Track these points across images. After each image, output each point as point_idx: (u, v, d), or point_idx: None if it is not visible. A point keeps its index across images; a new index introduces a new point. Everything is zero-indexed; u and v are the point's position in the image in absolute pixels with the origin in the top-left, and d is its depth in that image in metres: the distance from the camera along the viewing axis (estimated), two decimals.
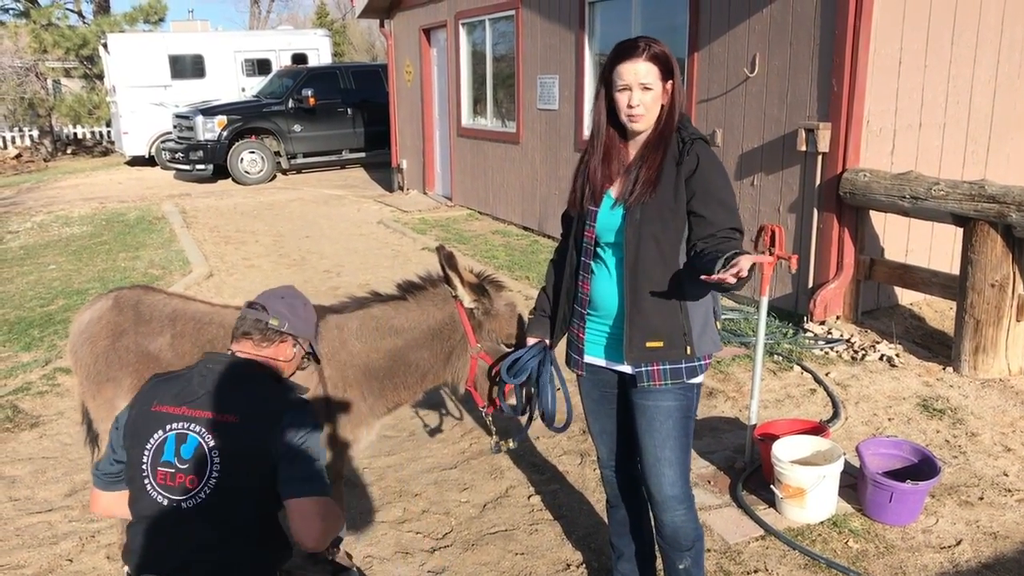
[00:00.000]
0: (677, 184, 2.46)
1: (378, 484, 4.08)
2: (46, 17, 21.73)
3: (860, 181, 5.55)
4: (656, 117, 2.53)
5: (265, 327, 2.34)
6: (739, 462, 4.11)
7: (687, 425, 2.65)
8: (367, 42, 38.61)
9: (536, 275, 7.90)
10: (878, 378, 5.05)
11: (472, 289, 2.98)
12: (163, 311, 3.28)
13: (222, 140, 15.13)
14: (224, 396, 2.22)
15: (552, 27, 9.10)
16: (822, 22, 5.76)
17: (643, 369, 2.57)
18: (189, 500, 2.15)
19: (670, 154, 2.49)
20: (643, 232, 2.48)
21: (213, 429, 2.17)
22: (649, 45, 2.49)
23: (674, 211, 2.47)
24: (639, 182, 2.49)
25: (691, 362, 2.56)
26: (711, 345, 2.61)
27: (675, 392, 2.59)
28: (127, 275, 8.40)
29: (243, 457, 2.16)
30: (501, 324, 3.02)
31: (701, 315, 2.57)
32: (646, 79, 2.46)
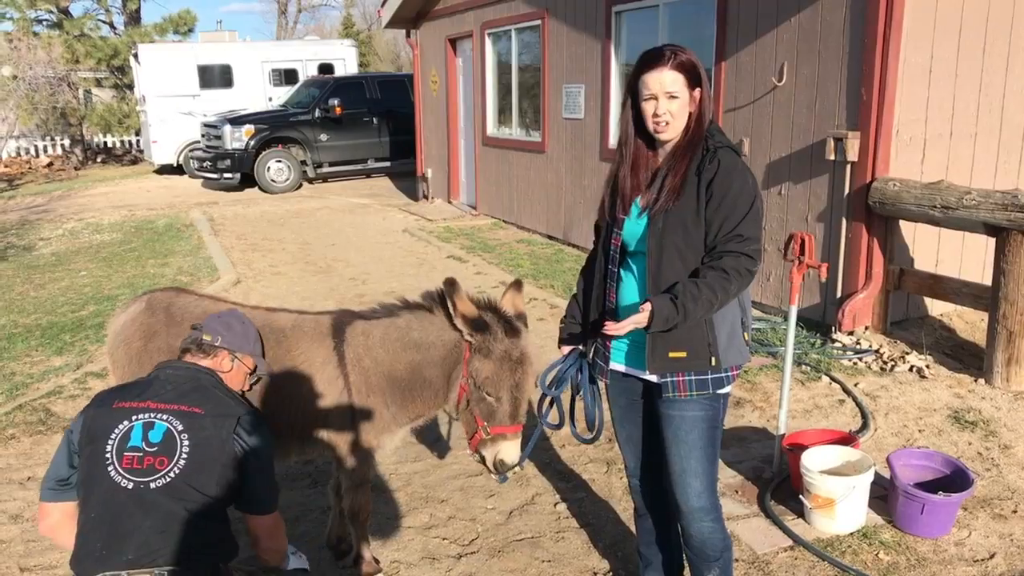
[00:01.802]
0: (699, 193, 2.45)
1: (404, 490, 4.09)
2: (79, 28, 22.16)
3: (890, 190, 5.50)
4: (684, 126, 2.51)
5: (199, 341, 2.63)
6: (767, 472, 4.07)
7: (714, 436, 2.63)
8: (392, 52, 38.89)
9: (561, 284, 7.90)
10: (908, 389, 5.00)
11: (468, 322, 2.87)
12: (193, 312, 3.32)
13: (249, 149, 15.29)
14: (190, 392, 2.45)
15: (578, 36, 9.12)
16: (851, 31, 5.73)
17: (668, 379, 2.56)
18: (158, 479, 2.29)
19: (694, 163, 2.48)
20: (665, 241, 2.47)
21: (181, 418, 2.37)
22: (675, 53, 2.48)
23: (696, 221, 2.46)
24: (663, 190, 2.49)
25: (717, 373, 2.54)
26: (737, 356, 2.58)
27: (701, 402, 2.57)
28: (156, 281, 8.49)
29: (208, 446, 2.34)
30: (487, 367, 2.86)
31: (727, 325, 2.55)
32: (672, 88, 2.45)
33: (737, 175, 2.45)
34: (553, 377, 2.89)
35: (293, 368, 3.12)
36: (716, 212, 2.43)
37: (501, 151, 11.27)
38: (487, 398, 2.85)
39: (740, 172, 2.46)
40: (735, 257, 2.41)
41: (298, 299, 7.80)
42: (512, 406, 2.85)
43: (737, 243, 2.42)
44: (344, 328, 3.13)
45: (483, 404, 2.87)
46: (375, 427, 3.09)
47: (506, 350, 2.85)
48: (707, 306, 2.37)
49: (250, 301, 7.71)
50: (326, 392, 3.12)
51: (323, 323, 3.18)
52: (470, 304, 2.88)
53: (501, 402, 2.84)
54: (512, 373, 2.84)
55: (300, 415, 3.12)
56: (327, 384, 3.11)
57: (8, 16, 22.14)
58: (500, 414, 2.84)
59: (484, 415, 2.87)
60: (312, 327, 3.17)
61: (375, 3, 37.06)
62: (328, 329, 3.15)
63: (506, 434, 2.84)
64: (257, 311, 3.32)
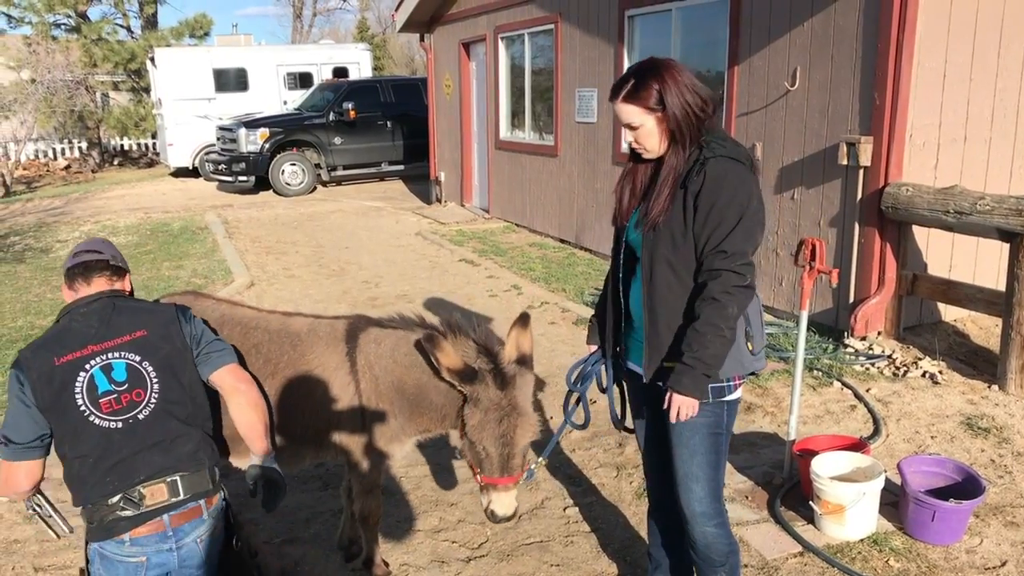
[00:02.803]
0: (686, 206, 2.44)
1: (415, 493, 4.11)
2: (96, 32, 22.33)
3: (903, 195, 5.48)
4: (664, 142, 2.51)
5: (109, 263, 2.58)
6: (777, 477, 4.07)
7: (716, 441, 2.62)
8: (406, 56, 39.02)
9: (572, 288, 7.91)
10: (920, 395, 4.97)
11: (455, 375, 2.78)
12: (211, 317, 3.34)
13: (264, 152, 15.37)
14: (121, 321, 2.45)
15: (591, 40, 9.13)
16: (864, 35, 5.71)
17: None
18: (143, 410, 2.38)
19: (680, 178, 2.47)
20: (656, 255, 2.50)
21: (131, 348, 2.41)
22: (632, 82, 2.47)
23: (684, 234, 2.46)
24: (651, 208, 2.50)
25: (716, 382, 2.52)
26: (736, 367, 2.54)
27: (702, 408, 2.54)
28: (171, 284, 8.56)
29: (170, 360, 2.43)
30: (475, 416, 2.77)
31: None
32: (628, 119, 2.49)
33: (726, 186, 2.39)
34: (578, 374, 2.94)
35: (307, 372, 3.14)
36: (703, 227, 2.42)
37: (514, 155, 11.30)
38: (476, 447, 2.79)
39: (729, 183, 2.40)
40: (719, 278, 2.39)
41: (311, 302, 7.85)
42: (500, 458, 2.76)
43: (722, 259, 2.39)
44: (358, 334, 3.15)
45: (474, 451, 2.81)
46: (384, 435, 3.10)
47: (494, 401, 2.76)
48: (718, 340, 2.39)
49: (264, 304, 7.78)
50: (338, 397, 3.14)
51: (338, 328, 3.20)
52: (454, 356, 2.78)
53: (488, 453, 2.76)
54: (499, 424, 2.75)
55: (314, 419, 3.15)
56: (339, 389, 3.13)
57: (27, 20, 22.40)
58: (488, 465, 2.78)
59: (475, 462, 2.82)
60: (327, 332, 3.19)
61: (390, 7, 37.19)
62: (342, 334, 3.16)
63: (496, 485, 2.77)
64: (274, 315, 3.34)
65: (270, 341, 3.23)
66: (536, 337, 6.47)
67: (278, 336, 3.23)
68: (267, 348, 3.22)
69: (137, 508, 2.30)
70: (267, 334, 3.24)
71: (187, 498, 2.35)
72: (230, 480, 2.92)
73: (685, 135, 2.48)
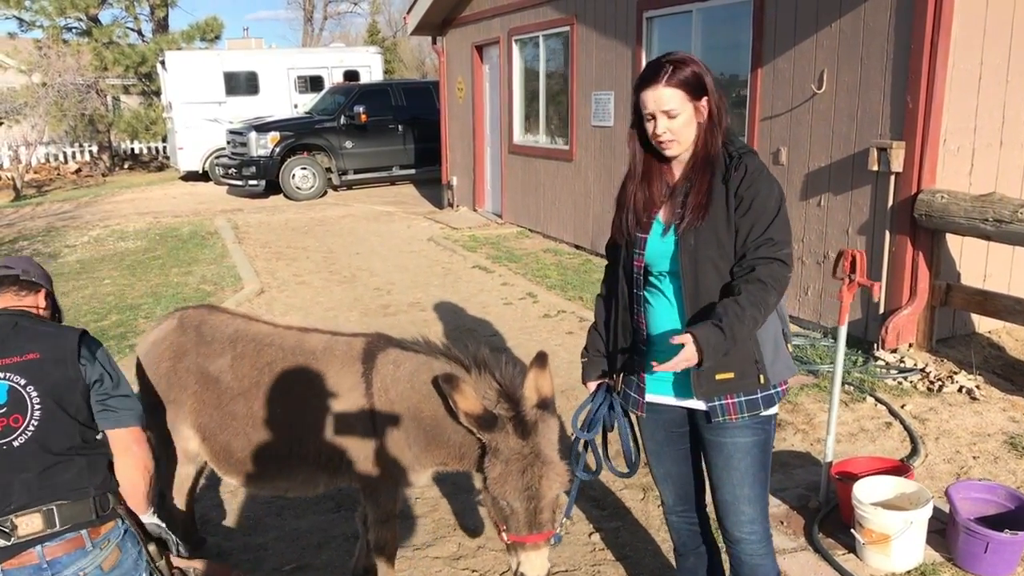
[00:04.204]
0: (728, 202, 2.32)
1: (431, 516, 3.92)
2: (107, 35, 22.28)
3: (937, 203, 5.26)
4: (694, 138, 2.36)
5: (18, 278, 2.42)
6: (813, 501, 3.86)
7: (765, 460, 2.49)
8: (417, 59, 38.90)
9: (590, 295, 7.70)
10: (958, 412, 4.76)
11: (473, 421, 2.57)
12: (224, 332, 3.21)
13: (275, 156, 15.23)
14: (17, 340, 2.28)
15: (608, 43, 8.94)
16: (896, 36, 5.50)
17: (717, 403, 2.40)
18: (19, 436, 2.21)
19: (718, 175, 2.33)
20: (699, 258, 2.33)
21: (19, 370, 2.24)
22: (673, 67, 2.31)
23: (728, 232, 2.33)
24: (689, 208, 2.34)
25: (766, 391, 2.40)
26: (785, 370, 2.45)
27: (752, 427, 2.43)
28: (179, 290, 8.41)
29: (57, 389, 2.24)
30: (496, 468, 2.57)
31: (771, 339, 2.41)
32: (669, 105, 2.31)
33: (764, 179, 2.32)
34: (584, 418, 2.70)
35: (321, 392, 2.98)
36: (745, 217, 2.30)
37: (527, 159, 11.11)
38: (499, 502, 2.58)
39: (766, 176, 2.34)
40: (767, 264, 2.26)
41: (322, 309, 7.68)
42: (527, 513, 2.53)
43: (768, 247, 2.27)
44: (376, 354, 2.97)
45: (497, 507, 2.60)
46: (398, 463, 2.92)
47: (516, 451, 2.56)
48: (752, 323, 2.22)
49: (274, 311, 7.62)
50: (352, 420, 2.96)
51: (355, 346, 3.02)
52: (474, 400, 2.58)
53: (514, 509, 2.55)
54: (522, 476, 2.53)
55: (327, 442, 2.98)
56: (353, 412, 2.96)
57: (38, 24, 22.36)
58: (514, 521, 2.56)
59: (500, 518, 2.61)
60: (343, 350, 3.02)
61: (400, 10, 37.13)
62: (360, 353, 2.99)
63: (525, 543, 2.55)
64: (290, 331, 3.18)
65: (284, 359, 3.07)
66: (554, 348, 6.32)
67: (293, 353, 3.08)
68: (281, 366, 3.06)
69: (8, 539, 2.14)
70: (282, 351, 3.09)
71: (64, 529, 2.18)
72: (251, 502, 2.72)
73: (717, 130, 2.35)
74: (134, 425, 2.37)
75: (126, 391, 2.37)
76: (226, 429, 3.11)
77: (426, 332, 6.78)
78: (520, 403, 2.63)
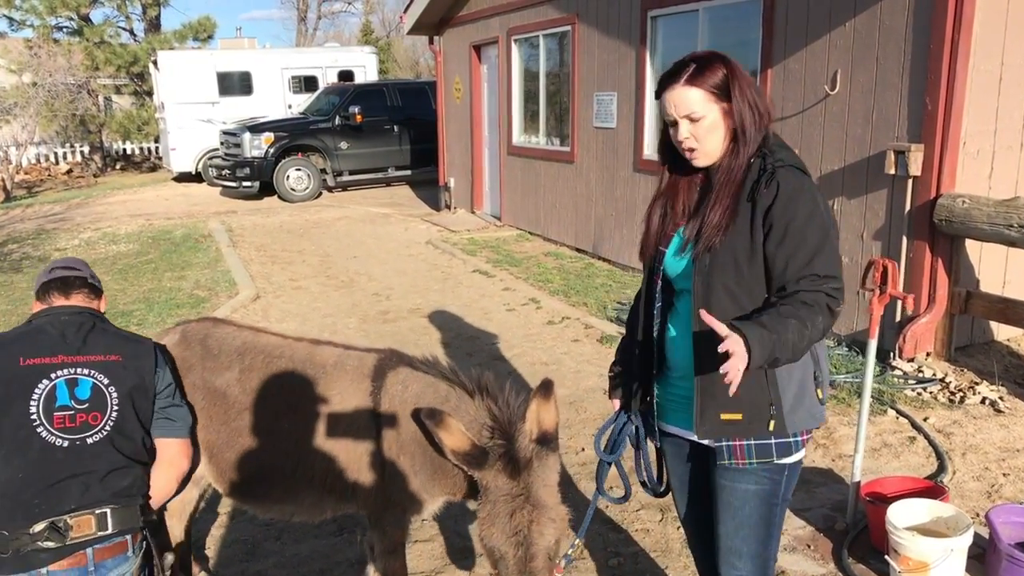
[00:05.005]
0: (753, 225, 2.05)
1: (438, 540, 3.73)
2: (99, 35, 22.00)
3: (958, 208, 5.09)
4: (723, 145, 2.13)
5: (89, 283, 2.51)
6: (840, 522, 3.68)
7: (770, 513, 2.22)
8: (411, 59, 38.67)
9: (594, 301, 7.52)
10: (984, 425, 4.59)
11: (461, 458, 2.36)
12: (232, 344, 3.03)
13: (269, 157, 15.02)
14: (100, 340, 2.36)
15: (610, 42, 8.76)
16: (914, 35, 5.33)
17: (724, 444, 2.17)
18: (95, 434, 2.27)
19: (745, 189, 2.08)
20: (713, 282, 2.08)
21: (102, 369, 2.31)
22: (695, 65, 2.10)
23: (750, 258, 2.06)
24: (707, 225, 2.10)
25: (782, 437, 2.13)
26: (807, 419, 2.15)
27: (759, 474, 2.17)
28: (172, 296, 8.20)
29: (133, 391, 2.33)
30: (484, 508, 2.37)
31: (795, 381, 2.12)
32: (691, 108, 2.09)
33: (803, 199, 2.02)
34: (607, 439, 2.49)
35: (329, 410, 2.80)
36: (780, 247, 2.02)
37: (527, 160, 10.92)
38: (487, 544, 2.36)
39: (807, 195, 2.04)
40: (812, 294, 1.98)
41: (319, 316, 7.48)
42: (516, 561, 2.30)
43: (811, 283, 1.98)
44: (386, 371, 2.78)
45: (488, 551, 2.38)
46: (405, 491, 2.72)
47: (504, 491, 2.34)
48: (797, 335, 1.91)
49: (270, 317, 7.42)
50: (358, 442, 2.77)
51: (366, 362, 2.84)
52: (460, 436, 2.37)
53: (503, 554, 2.32)
54: (510, 519, 2.30)
55: (334, 464, 2.79)
56: (360, 433, 2.77)
57: (29, 23, 22.06)
58: (503, 568, 2.33)
59: (492, 564, 2.39)
60: (354, 366, 2.84)
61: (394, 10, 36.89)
62: (370, 370, 2.80)
63: None
64: (301, 344, 3.01)
65: (294, 372, 2.89)
66: (559, 356, 6.13)
67: (303, 367, 2.89)
68: (290, 379, 2.88)
69: (62, 539, 2.16)
70: (291, 364, 2.91)
71: (114, 532, 2.24)
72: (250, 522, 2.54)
73: (750, 136, 2.09)
74: (186, 437, 2.48)
75: (183, 402, 2.49)
76: (232, 446, 2.93)
77: (427, 339, 6.64)
78: (514, 438, 2.40)
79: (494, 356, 6.19)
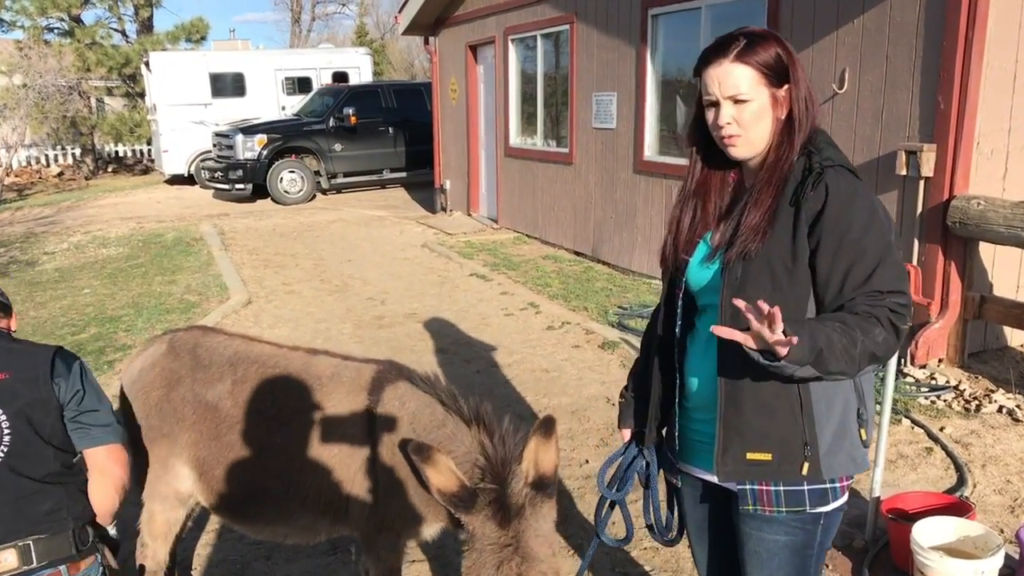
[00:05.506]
0: (796, 231, 1.78)
1: (436, 562, 3.55)
2: (90, 36, 21.80)
3: (973, 210, 4.93)
4: (767, 137, 1.85)
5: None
6: (858, 539, 3.51)
7: (803, 564, 1.94)
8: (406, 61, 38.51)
9: (594, 305, 7.35)
10: (1003, 435, 4.42)
11: (447, 499, 2.18)
12: (223, 354, 2.86)
13: (262, 159, 14.83)
14: None
15: (610, 41, 8.59)
16: (926, 32, 5.18)
17: (748, 487, 1.89)
18: None
19: (789, 188, 1.81)
20: (744, 297, 1.74)
21: None
22: (744, 40, 1.81)
23: (791, 270, 1.79)
24: (743, 227, 1.82)
25: (817, 483, 1.85)
26: (847, 463, 1.86)
27: (790, 524, 1.89)
28: (162, 301, 8.01)
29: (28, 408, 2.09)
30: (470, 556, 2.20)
31: (835, 418, 1.84)
32: (737, 88, 1.80)
33: (859, 206, 1.75)
34: (614, 474, 2.22)
35: (323, 425, 2.62)
36: (834, 262, 1.75)
37: (524, 162, 10.75)
38: None
39: (863, 201, 1.76)
40: (873, 307, 1.70)
41: (313, 321, 7.29)
42: None
43: (874, 301, 1.71)
44: (384, 385, 2.60)
45: None
46: (400, 514, 2.54)
47: (492, 540, 2.15)
48: (847, 340, 1.63)
49: (262, 322, 7.23)
50: (351, 458, 2.60)
51: (364, 375, 2.66)
52: (448, 475, 2.18)
53: None
54: (496, 572, 2.12)
55: (328, 482, 2.62)
56: (354, 449, 2.60)
57: (19, 24, 21.86)
58: None
59: None
60: (351, 377, 2.67)
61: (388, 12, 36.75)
62: (367, 383, 2.62)
63: None
64: (296, 353, 2.84)
65: (288, 384, 2.72)
66: (560, 363, 5.95)
67: (298, 378, 2.72)
68: (284, 391, 2.71)
69: None
70: (286, 375, 2.74)
71: (42, 565, 2.05)
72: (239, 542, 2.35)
73: (800, 130, 1.82)
74: (112, 442, 2.22)
75: (99, 406, 2.21)
76: (223, 463, 2.76)
77: (424, 345, 6.46)
78: (506, 481, 2.20)
79: (493, 363, 6.00)
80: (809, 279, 1.79)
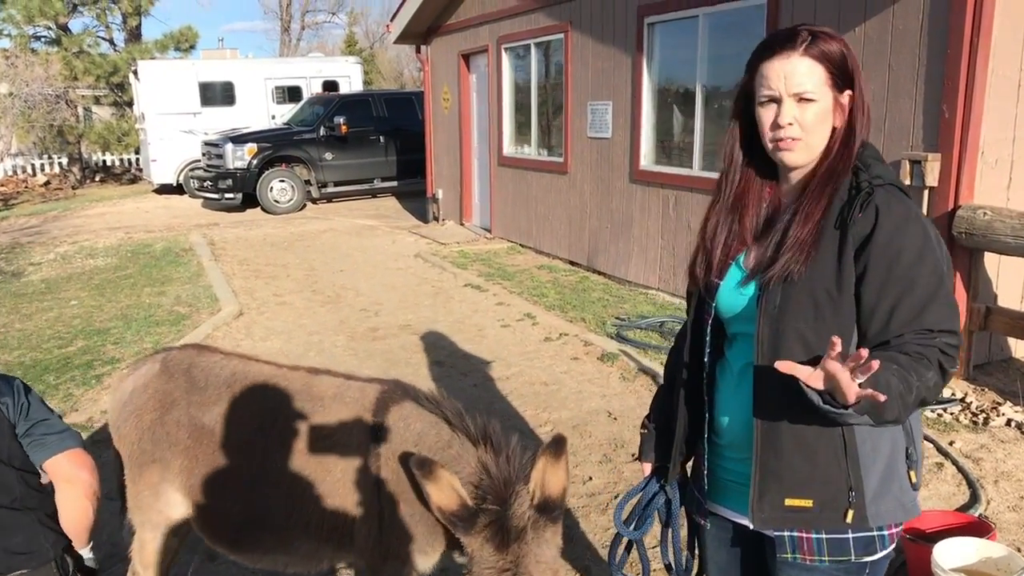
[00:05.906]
0: (842, 256, 1.63)
1: None
2: (78, 45, 21.65)
3: (979, 220, 4.87)
4: (824, 146, 1.69)
5: None
6: None
7: None
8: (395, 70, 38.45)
9: (592, 316, 7.25)
10: (1014, 450, 4.34)
11: (447, 517, 2.11)
12: (220, 375, 2.74)
13: (252, 168, 14.70)
14: None
15: (605, 50, 8.52)
16: (930, 40, 5.12)
17: (787, 534, 1.75)
18: None
19: (836, 205, 1.65)
20: (783, 327, 1.65)
21: None
22: (813, 35, 1.65)
23: (835, 299, 1.63)
24: (786, 246, 1.66)
25: (863, 530, 1.70)
26: (895, 510, 1.71)
27: (833, 573, 1.73)
28: (151, 313, 7.86)
29: None
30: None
31: (882, 460, 1.69)
32: (805, 86, 1.63)
33: (912, 231, 1.60)
34: (632, 510, 2.08)
35: (325, 447, 2.51)
36: (883, 292, 1.60)
37: (518, 171, 10.66)
38: None
39: (916, 226, 1.61)
40: (924, 347, 1.56)
41: (305, 333, 7.16)
42: None
43: (925, 340, 1.56)
44: (389, 405, 2.49)
45: None
46: (404, 542, 2.42)
47: (490, 564, 2.06)
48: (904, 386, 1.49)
49: (254, 335, 7.09)
50: (355, 483, 2.48)
51: (368, 395, 2.55)
52: (450, 493, 2.10)
53: None
54: None
55: (330, 507, 2.50)
56: (356, 472, 2.48)
57: (5, 32, 21.67)
58: None
59: None
60: (355, 397, 2.55)
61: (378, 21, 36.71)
62: (371, 404, 2.51)
63: None
64: (296, 373, 2.71)
65: (289, 404, 2.60)
66: (559, 376, 5.84)
67: (299, 399, 2.61)
68: (285, 413, 2.59)
69: None
70: (286, 395, 2.62)
71: None
72: None
73: (853, 141, 1.67)
74: (72, 447, 2.14)
75: (48, 415, 2.16)
76: (220, 489, 2.63)
77: (419, 358, 6.34)
78: (508, 502, 2.09)
79: (490, 376, 5.89)
80: (854, 310, 1.64)
